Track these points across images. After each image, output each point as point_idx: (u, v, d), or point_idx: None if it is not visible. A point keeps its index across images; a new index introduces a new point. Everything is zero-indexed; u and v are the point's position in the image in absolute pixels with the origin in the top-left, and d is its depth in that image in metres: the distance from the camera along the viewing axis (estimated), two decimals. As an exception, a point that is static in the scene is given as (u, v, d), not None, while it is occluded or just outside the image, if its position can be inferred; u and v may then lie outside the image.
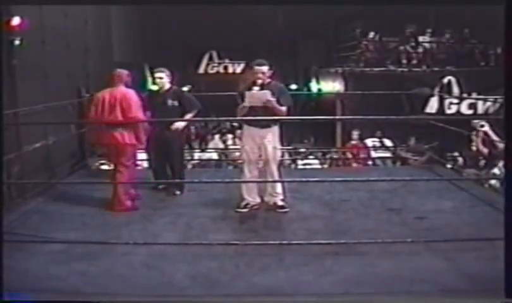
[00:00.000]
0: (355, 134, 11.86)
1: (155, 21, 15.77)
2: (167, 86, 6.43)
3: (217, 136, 13.31)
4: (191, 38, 17.03)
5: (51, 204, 5.98)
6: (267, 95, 5.42)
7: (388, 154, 11.64)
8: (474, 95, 13.49)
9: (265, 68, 5.57)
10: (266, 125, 5.56)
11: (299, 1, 10.78)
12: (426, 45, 14.31)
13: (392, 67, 14.07)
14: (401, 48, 14.21)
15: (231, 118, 6.08)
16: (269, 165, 5.65)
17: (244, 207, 5.66)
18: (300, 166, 10.78)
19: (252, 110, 5.47)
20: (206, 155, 11.40)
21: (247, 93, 5.47)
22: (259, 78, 5.53)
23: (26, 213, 5.57)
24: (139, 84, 15.22)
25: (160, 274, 4.02)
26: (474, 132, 6.67)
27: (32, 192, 6.08)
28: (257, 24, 16.22)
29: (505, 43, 3.99)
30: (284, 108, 5.53)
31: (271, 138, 5.63)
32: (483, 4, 10.45)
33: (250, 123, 5.62)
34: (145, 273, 4.06)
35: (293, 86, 16.64)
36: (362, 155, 11.63)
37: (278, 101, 5.47)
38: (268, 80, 5.60)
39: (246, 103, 5.45)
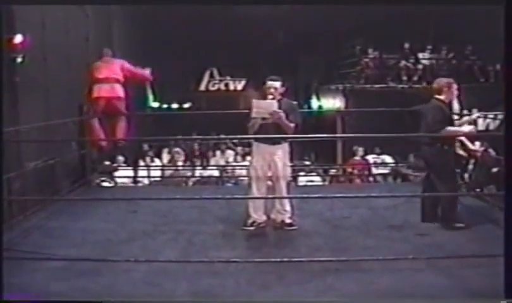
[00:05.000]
0: (360, 150, 11.87)
1: (157, 37, 15.84)
2: None
3: (218, 153, 13.33)
4: (192, 55, 17.11)
5: (52, 220, 5.97)
6: (273, 105, 5.37)
7: (388, 171, 11.64)
8: (474, 111, 13.49)
9: (277, 84, 5.54)
10: (276, 142, 5.52)
11: (300, 1, 10.82)
12: (426, 61, 14.37)
13: (392, 84, 14.12)
14: (401, 64, 14.28)
15: (245, 136, 6.05)
16: (279, 182, 5.60)
17: (251, 225, 5.62)
18: (301, 183, 10.76)
19: (262, 127, 5.44)
20: (207, 172, 11.41)
21: (254, 102, 5.41)
22: (270, 94, 5.50)
23: (27, 229, 5.57)
24: (140, 101, 15.33)
25: (161, 291, 4.01)
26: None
27: (33, 208, 6.08)
28: (258, 41, 16.30)
29: (505, 43, 3.99)
30: (292, 125, 5.46)
31: (281, 155, 5.59)
32: (483, 4, 10.49)
33: (260, 140, 5.57)
34: (145, 289, 4.05)
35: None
36: (363, 172, 11.63)
37: (287, 118, 5.42)
38: (280, 97, 5.56)
39: (254, 114, 5.38)
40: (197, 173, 11.28)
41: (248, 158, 6.18)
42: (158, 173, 10.97)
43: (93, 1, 8.73)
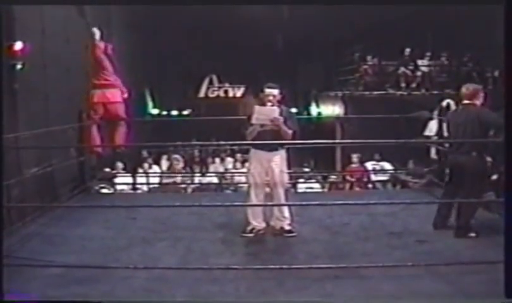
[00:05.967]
0: (355, 157, 11.88)
1: (156, 44, 15.87)
2: None
3: (217, 160, 13.32)
4: (192, 62, 17.13)
5: (51, 227, 5.96)
6: (275, 111, 5.40)
7: (388, 178, 11.63)
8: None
9: (275, 91, 5.56)
10: (273, 148, 5.54)
11: (300, 2, 10.83)
12: (425, 68, 14.40)
13: (391, 91, 14.14)
14: (400, 71, 14.30)
15: (243, 142, 6.07)
16: (276, 188, 5.62)
17: (250, 232, 5.63)
18: (300, 190, 10.77)
19: (260, 133, 5.46)
20: (206, 179, 11.40)
21: (256, 108, 5.43)
22: (269, 101, 5.52)
23: (26, 236, 5.56)
24: (140, 108, 15.34)
25: (160, 298, 4.01)
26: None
27: (32, 215, 6.07)
28: (257, 48, 16.33)
29: (505, 44, 3.99)
30: (290, 131, 5.48)
31: (278, 162, 5.60)
32: (482, 3, 10.52)
33: (258, 146, 5.59)
34: (145, 296, 4.05)
35: (293, 110, 16.66)
36: (362, 178, 11.63)
37: (285, 124, 5.44)
38: (278, 104, 5.58)
39: (254, 120, 5.40)
40: (196, 180, 11.27)
41: (247, 164, 6.18)
42: (157, 180, 10.97)
43: (93, 1, 8.68)
